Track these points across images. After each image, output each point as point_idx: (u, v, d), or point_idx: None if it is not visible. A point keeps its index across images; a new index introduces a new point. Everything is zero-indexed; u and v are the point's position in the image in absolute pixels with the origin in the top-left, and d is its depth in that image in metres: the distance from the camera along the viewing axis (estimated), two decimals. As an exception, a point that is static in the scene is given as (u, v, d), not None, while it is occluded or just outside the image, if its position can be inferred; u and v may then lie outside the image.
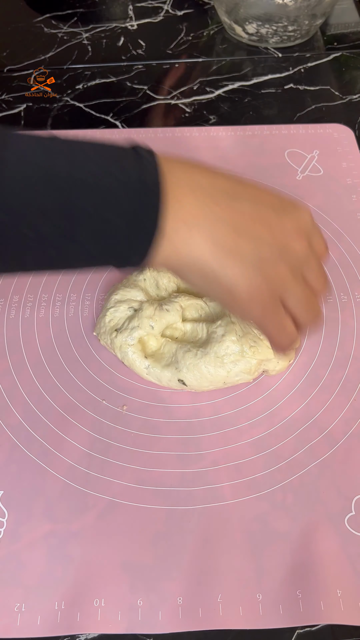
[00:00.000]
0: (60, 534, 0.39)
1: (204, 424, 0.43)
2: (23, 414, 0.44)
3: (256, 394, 0.44)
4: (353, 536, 0.38)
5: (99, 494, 0.40)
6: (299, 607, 0.36)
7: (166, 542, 0.38)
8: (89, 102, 0.66)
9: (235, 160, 0.60)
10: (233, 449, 0.42)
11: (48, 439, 0.43)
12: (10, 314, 0.49)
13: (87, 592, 0.37)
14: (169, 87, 0.67)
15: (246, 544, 0.38)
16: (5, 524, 0.39)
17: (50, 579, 0.37)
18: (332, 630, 0.36)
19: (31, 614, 0.36)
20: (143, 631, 0.35)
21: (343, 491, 0.40)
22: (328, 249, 0.37)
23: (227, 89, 0.68)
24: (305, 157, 0.60)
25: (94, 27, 0.76)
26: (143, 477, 0.41)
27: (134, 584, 0.37)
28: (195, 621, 0.35)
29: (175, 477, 0.41)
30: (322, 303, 0.38)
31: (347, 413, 0.43)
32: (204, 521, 0.39)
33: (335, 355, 0.46)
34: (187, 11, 0.77)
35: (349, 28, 0.75)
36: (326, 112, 0.65)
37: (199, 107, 0.66)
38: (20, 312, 0.49)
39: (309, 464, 0.41)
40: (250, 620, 0.35)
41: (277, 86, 0.68)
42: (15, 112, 0.65)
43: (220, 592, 0.36)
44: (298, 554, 0.37)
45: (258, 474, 0.41)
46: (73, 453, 0.42)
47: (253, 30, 0.71)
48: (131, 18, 0.77)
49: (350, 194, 0.57)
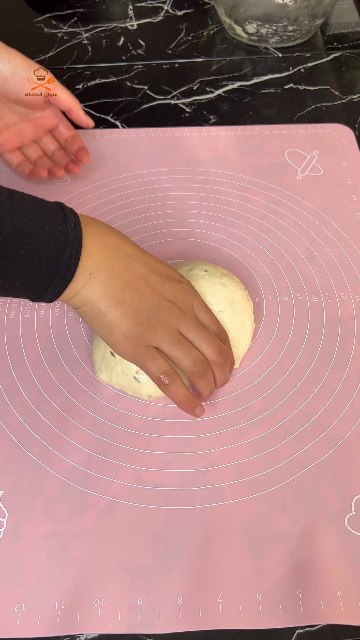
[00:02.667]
0: (60, 534, 0.39)
1: (204, 424, 0.43)
2: (23, 414, 0.44)
3: (256, 394, 0.44)
4: (353, 536, 0.38)
5: (99, 494, 0.40)
6: (299, 607, 0.36)
7: (166, 542, 0.38)
8: (89, 102, 0.66)
9: (235, 160, 0.60)
10: (233, 449, 0.42)
11: (48, 439, 0.43)
12: (10, 314, 0.49)
13: (87, 592, 0.37)
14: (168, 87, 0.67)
15: (246, 544, 0.38)
16: (5, 524, 0.39)
17: (50, 579, 0.37)
18: (332, 630, 0.36)
19: (31, 614, 0.36)
20: (143, 631, 0.35)
21: (343, 491, 0.40)
22: (214, 319, 0.42)
23: (227, 89, 0.68)
24: (305, 157, 0.60)
25: (94, 27, 0.76)
26: (143, 477, 0.41)
27: (134, 584, 0.37)
28: (195, 621, 0.35)
29: (175, 477, 0.41)
30: (206, 361, 0.41)
31: (347, 413, 0.43)
32: (203, 521, 0.39)
33: (335, 355, 0.46)
34: (187, 11, 0.77)
35: (349, 28, 0.75)
36: (326, 112, 0.65)
37: (199, 107, 0.66)
38: (20, 312, 0.49)
39: (309, 464, 0.41)
40: (250, 620, 0.35)
41: (277, 86, 0.68)
42: (15, 112, 0.65)
43: (220, 592, 0.36)
44: (298, 554, 0.37)
45: (258, 474, 0.41)
46: (73, 453, 0.42)
47: (253, 30, 0.71)
48: (131, 18, 0.77)
49: (350, 194, 0.57)
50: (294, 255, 0.52)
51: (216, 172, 0.59)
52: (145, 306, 0.39)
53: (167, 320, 0.39)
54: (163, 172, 0.59)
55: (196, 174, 0.59)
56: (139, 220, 0.55)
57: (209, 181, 0.58)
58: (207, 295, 0.43)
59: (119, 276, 0.38)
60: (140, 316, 0.38)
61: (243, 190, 0.57)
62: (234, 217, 0.55)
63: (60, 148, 0.58)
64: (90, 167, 0.59)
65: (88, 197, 0.57)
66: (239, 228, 0.54)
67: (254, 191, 0.57)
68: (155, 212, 0.56)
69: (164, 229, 0.55)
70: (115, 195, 0.57)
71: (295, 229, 0.54)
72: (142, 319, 0.38)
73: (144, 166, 0.59)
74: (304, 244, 0.53)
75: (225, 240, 0.54)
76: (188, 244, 0.54)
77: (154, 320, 0.39)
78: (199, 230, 0.54)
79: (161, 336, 0.39)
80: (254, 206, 0.56)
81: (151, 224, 0.55)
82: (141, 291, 0.39)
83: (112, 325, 0.38)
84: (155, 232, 0.54)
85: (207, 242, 0.53)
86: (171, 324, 0.39)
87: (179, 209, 0.56)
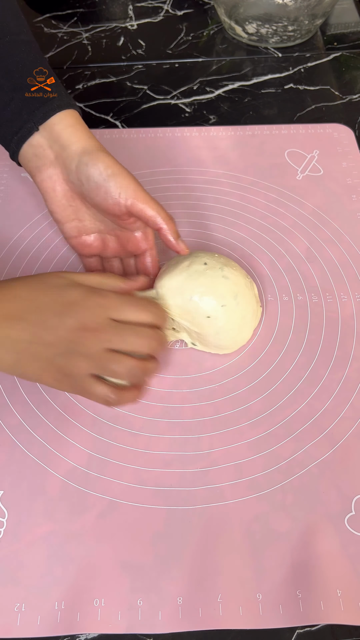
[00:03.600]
0: (60, 534, 0.39)
1: (204, 424, 0.43)
2: (23, 414, 0.44)
3: (256, 394, 0.44)
4: (353, 536, 0.38)
5: (99, 494, 0.40)
6: (299, 607, 0.36)
7: (166, 542, 0.38)
8: (89, 102, 0.66)
9: (235, 160, 0.60)
10: (233, 449, 0.42)
11: (48, 439, 0.43)
12: (10, 314, 0.49)
13: (87, 592, 0.37)
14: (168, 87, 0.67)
15: (246, 544, 0.38)
16: (5, 524, 0.39)
17: (50, 579, 0.37)
18: (332, 630, 0.36)
19: (31, 614, 0.36)
20: (143, 631, 0.35)
21: (343, 491, 0.40)
22: (140, 309, 0.39)
23: (227, 88, 0.68)
24: (305, 157, 0.60)
25: (94, 27, 0.76)
26: (143, 477, 0.41)
27: (134, 584, 0.37)
28: (195, 621, 0.35)
29: (175, 477, 0.41)
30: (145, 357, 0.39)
31: (347, 413, 0.43)
32: (203, 521, 0.39)
33: (335, 355, 0.46)
34: (187, 11, 0.77)
35: (349, 28, 0.75)
36: (326, 112, 0.65)
37: (199, 107, 0.66)
38: (20, 312, 0.49)
39: (309, 464, 0.41)
40: (250, 620, 0.35)
41: (277, 86, 0.68)
42: (15, 112, 0.65)
43: (220, 592, 0.36)
44: (298, 554, 0.37)
45: (258, 474, 0.41)
46: (73, 453, 0.42)
47: (253, 30, 0.71)
48: (131, 18, 0.77)
49: (350, 194, 0.57)
50: (294, 255, 0.52)
51: (216, 172, 0.59)
52: (53, 352, 0.36)
53: (83, 350, 0.36)
54: (163, 172, 0.59)
55: (196, 174, 0.59)
56: (139, 220, 0.55)
57: (209, 181, 0.58)
58: (209, 292, 0.43)
59: (10, 350, 0.35)
60: (54, 364, 0.36)
61: (243, 190, 0.57)
62: (234, 217, 0.55)
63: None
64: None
65: (88, 197, 0.57)
66: (239, 228, 0.54)
67: (254, 191, 0.57)
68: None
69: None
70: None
71: (295, 229, 0.54)
72: (58, 366, 0.36)
73: (144, 166, 0.59)
74: (304, 244, 0.53)
75: (225, 240, 0.54)
76: (188, 243, 0.53)
77: (71, 358, 0.36)
78: (199, 230, 0.54)
79: (86, 367, 0.36)
80: (254, 206, 0.56)
81: (151, 224, 0.55)
82: (39, 344, 0.35)
83: (39, 381, 0.37)
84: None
85: (207, 242, 0.53)
86: (90, 350, 0.36)
87: (179, 208, 0.56)
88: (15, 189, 0.58)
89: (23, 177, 0.58)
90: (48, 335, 0.35)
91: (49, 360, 0.36)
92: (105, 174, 0.41)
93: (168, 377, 0.45)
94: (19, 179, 0.58)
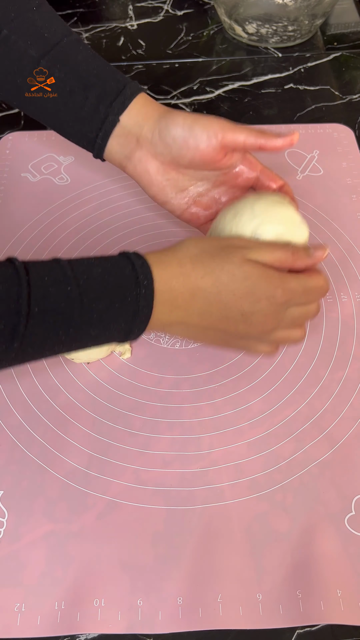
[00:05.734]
0: (60, 534, 0.39)
1: (204, 424, 0.43)
2: (23, 414, 0.44)
3: (256, 394, 0.44)
4: (353, 536, 0.38)
5: (99, 494, 0.40)
6: (299, 607, 0.36)
7: (166, 542, 0.38)
8: (89, 102, 0.66)
9: (235, 160, 0.60)
10: (233, 449, 0.42)
11: (48, 439, 0.43)
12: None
13: (87, 592, 0.37)
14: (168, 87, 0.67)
15: (246, 544, 0.38)
16: (5, 524, 0.39)
17: (50, 579, 0.37)
18: (332, 630, 0.36)
19: (31, 614, 0.36)
20: (143, 631, 0.35)
21: (343, 491, 0.40)
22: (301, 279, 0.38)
23: (227, 89, 0.67)
24: (305, 157, 0.60)
25: (94, 27, 0.76)
26: (143, 477, 0.41)
27: (134, 584, 0.37)
28: (195, 621, 0.35)
29: (175, 477, 0.41)
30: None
31: (347, 413, 0.43)
32: (203, 521, 0.39)
33: (335, 355, 0.46)
34: (187, 11, 0.77)
35: (349, 28, 0.75)
36: (326, 112, 0.65)
37: (199, 107, 0.66)
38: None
39: (309, 464, 0.41)
40: (250, 620, 0.35)
41: (277, 86, 0.68)
42: (15, 112, 0.65)
43: (220, 592, 0.36)
44: (298, 554, 0.37)
45: (258, 474, 0.41)
46: (73, 453, 0.42)
47: (253, 30, 0.71)
48: (131, 18, 0.77)
49: (350, 194, 0.57)
50: (294, 255, 0.52)
51: (216, 172, 0.59)
52: (232, 339, 0.39)
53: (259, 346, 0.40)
54: (163, 172, 0.59)
55: (196, 174, 0.59)
56: (140, 220, 0.55)
57: (209, 181, 0.58)
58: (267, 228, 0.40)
59: (194, 333, 0.38)
60: (235, 344, 0.40)
61: (243, 190, 0.57)
62: (234, 217, 0.55)
63: None
64: (91, 167, 0.59)
65: (88, 197, 0.57)
66: (239, 228, 0.54)
67: (254, 191, 0.57)
68: (156, 212, 0.55)
69: (165, 228, 0.55)
70: (115, 195, 0.57)
71: (295, 229, 0.54)
72: (238, 346, 0.40)
73: (144, 166, 0.59)
74: (304, 244, 0.53)
75: (225, 240, 0.53)
76: (188, 244, 0.53)
77: (247, 343, 0.40)
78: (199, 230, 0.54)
79: (261, 350, 0.40)
80: (254, 206, 0.56)
81: (151, 224, 0.55)
82: (219, 337, 0.39)
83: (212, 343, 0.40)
84: (156, 232, 0.54)
85: (207, 242, 0.53)
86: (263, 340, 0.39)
87: (179, 209, 0.56)
88: (15, 189, 0.58)
89: (23, 177, 0.58)
90: (227, 334, 0.38)
91: (230, 343, 0.39)
92: (185, 125, 0.41)
93: (168, 377, 0.45)
94: (19, 179, 0.58)
